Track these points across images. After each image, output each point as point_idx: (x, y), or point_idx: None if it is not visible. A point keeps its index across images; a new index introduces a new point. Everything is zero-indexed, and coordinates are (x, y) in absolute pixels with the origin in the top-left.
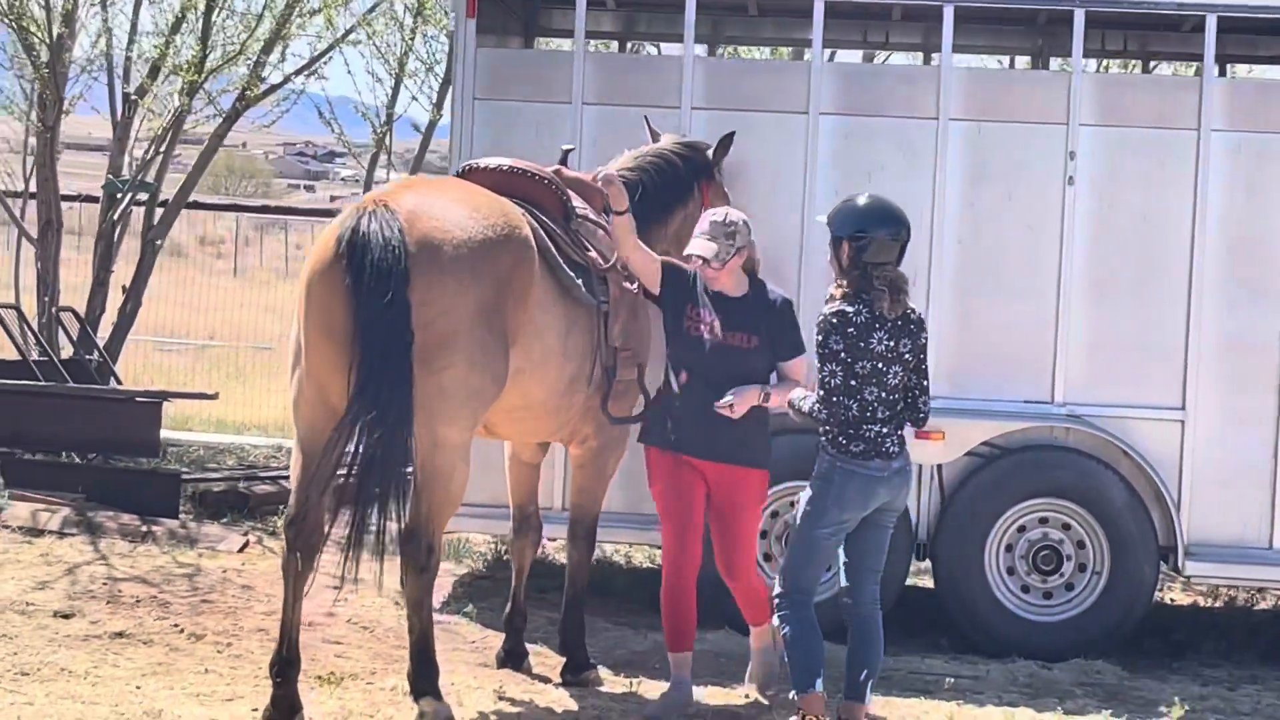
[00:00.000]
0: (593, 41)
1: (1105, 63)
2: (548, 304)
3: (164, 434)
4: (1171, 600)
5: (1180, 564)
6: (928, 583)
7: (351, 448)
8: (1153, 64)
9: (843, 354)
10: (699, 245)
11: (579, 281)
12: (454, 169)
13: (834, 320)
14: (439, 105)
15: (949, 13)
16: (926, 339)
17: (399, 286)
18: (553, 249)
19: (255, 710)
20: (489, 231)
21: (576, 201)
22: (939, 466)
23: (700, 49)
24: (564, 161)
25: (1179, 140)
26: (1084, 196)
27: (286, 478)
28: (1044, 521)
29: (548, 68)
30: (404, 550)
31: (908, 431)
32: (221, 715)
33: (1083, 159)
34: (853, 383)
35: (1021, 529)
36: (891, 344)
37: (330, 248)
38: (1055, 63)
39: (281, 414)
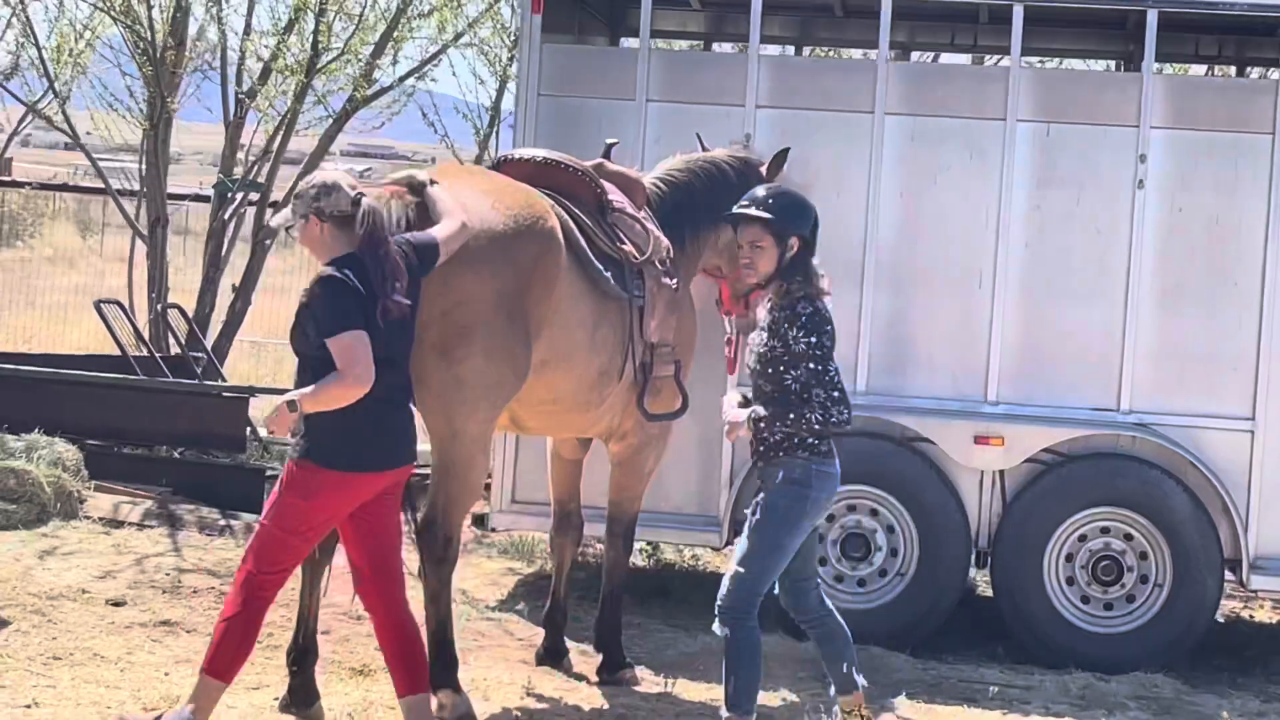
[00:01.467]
0: (678, 42)
1: (1212, 68)
2: (575, 296)
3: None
4: (1251, 616)
5: (1245, 578)
6: (986, 591)
7: None
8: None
9: (831, 349)
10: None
11: (608, 275)
12: None
13: (823, 315)
14: None
15: (1018, 12)
16: None
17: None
18: (582, 241)
19: (276, 699)
20: (511, 222)
21: (615, 195)
22: (1000, 473)
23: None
24: (607, 155)
25: (1253, 144)
26: (1154, 200)
27: None
28: (1106, 531)
29: (613, 65)
30: (421, 541)
31: (969, 436)
32: (241, 702)
33: (1153, 162)
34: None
35: (1082, 538)
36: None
37: None
38: None
39: None
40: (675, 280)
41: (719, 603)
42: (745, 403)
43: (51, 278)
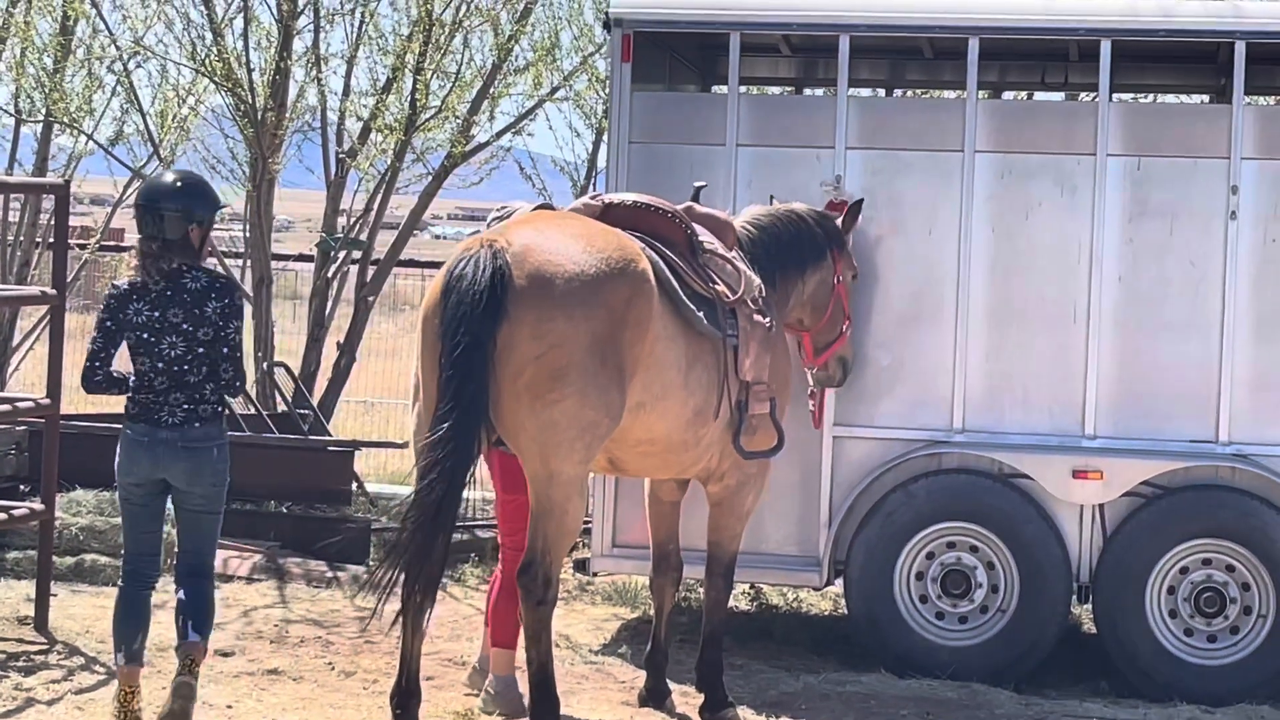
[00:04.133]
0: (770, 88)
1: None
2: (668, 337)
3: (382, 487)
4: None
5: None
6: (1090, 626)
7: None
8: None
9: (108, 324)
10: None
11: (701, 314)
12: None
13: (107, 293)
14: None
15: (1106, 47)
16: (221, 307)
17: (481, 327)
18: (674, 281)
19: None
20: (603, 265)
21: (705, 236)
22: (1100, 506)
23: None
24: (696, 198)
25: None
26: (1247, 231)
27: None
28: (1207, 563)
29: (702, 111)
30: (521, 583)
31: (1067, 471)
32: None
33: (1245, 193)
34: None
35: (1184, 570)
36: (156, 314)
37: (440, 286)
38: None
39: None
40: (769, 319)
41: None
42: None
43: None
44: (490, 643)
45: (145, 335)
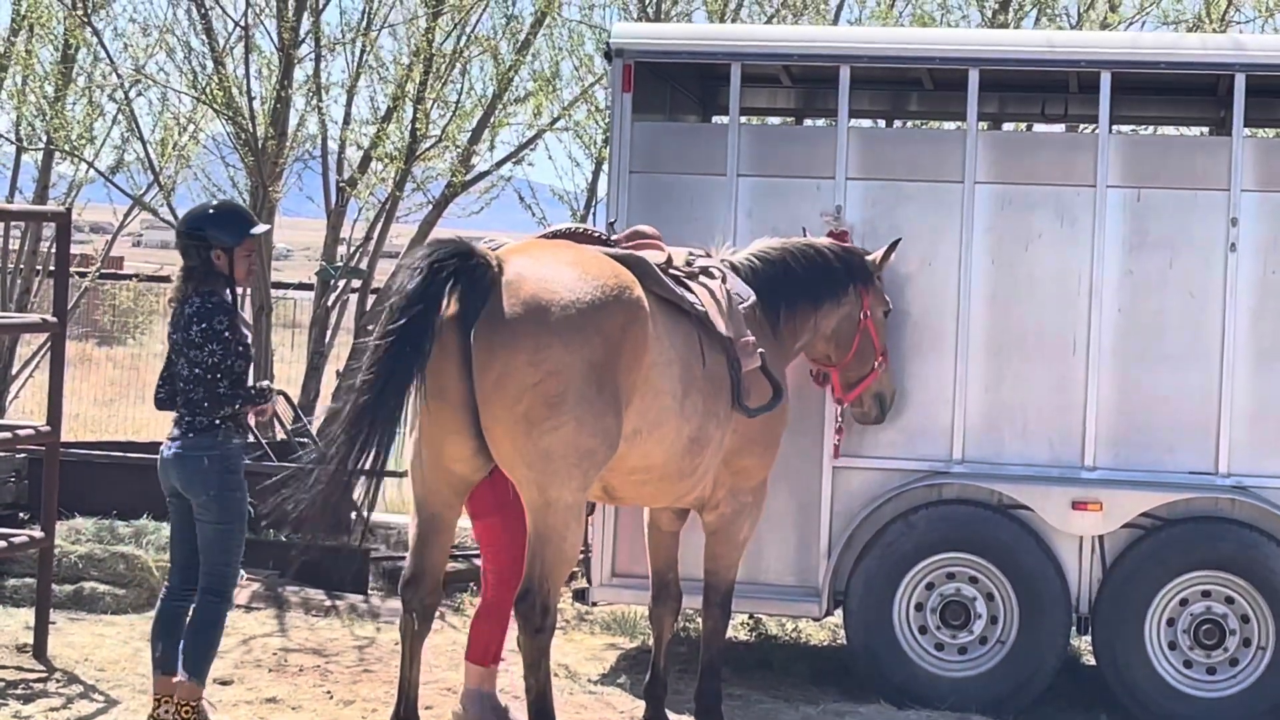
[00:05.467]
0: (771, 118)
1: None
2: (664, 364)
3: (384, 516)
4: None
5: None
6: (1089, 658)
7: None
8: None
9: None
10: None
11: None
12: None
13: None
14: None
15: (1106, 79)
16: (200, 330)
17: (438, 271)
18: (665, 280)
19: None
20: (598, 291)
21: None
22: (1099, 538)
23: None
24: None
25: None
26: (1247, 263)
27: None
28: (1207, 595)
29: (703, 141)
30: (519, 610)
31: (1067, 502)
32: None
33: (1245, 225)
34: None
35: (1184, 602)
36: (175, 337)
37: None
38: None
39: None
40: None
41: None
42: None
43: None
44: (465, 657)
45: (171, 356)
